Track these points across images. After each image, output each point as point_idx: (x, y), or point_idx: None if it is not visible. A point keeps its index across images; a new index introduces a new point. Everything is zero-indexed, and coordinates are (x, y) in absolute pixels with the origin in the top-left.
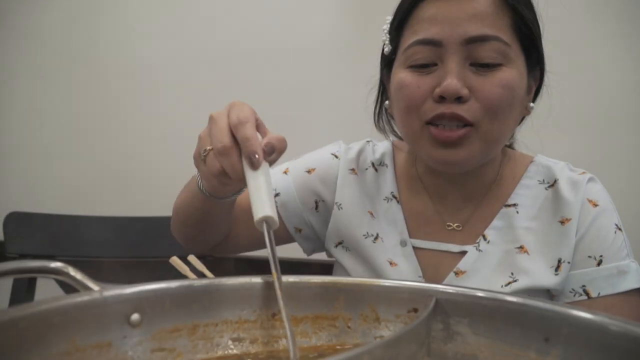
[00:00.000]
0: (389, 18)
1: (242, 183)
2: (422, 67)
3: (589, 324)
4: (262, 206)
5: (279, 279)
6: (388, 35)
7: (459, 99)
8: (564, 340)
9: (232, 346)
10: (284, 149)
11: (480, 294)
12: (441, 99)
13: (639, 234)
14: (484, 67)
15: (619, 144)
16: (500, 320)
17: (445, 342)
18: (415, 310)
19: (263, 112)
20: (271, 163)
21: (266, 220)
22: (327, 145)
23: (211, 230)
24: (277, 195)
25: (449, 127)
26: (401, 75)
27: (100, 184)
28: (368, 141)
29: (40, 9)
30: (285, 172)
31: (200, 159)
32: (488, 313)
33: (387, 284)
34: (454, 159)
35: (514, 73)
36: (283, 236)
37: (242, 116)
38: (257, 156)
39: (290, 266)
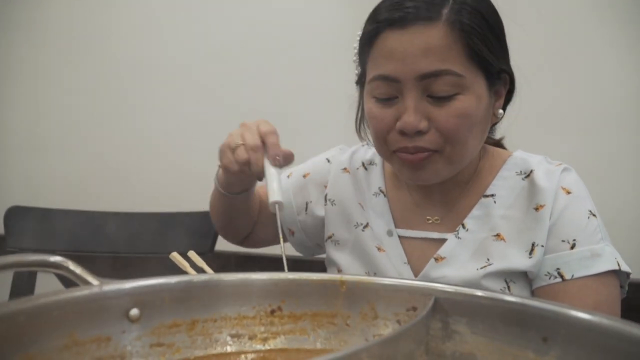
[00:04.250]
0: (360, 33)
1: (254, 179)
2: (385, 100)
3: (588, 325)
4: (273, 193)
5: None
6: (358, 57)
7: (419, 132)
8: (563, 340)
9: (230, 342)
10: (292, 161)
11: (479, 293)
12: (402, 132)
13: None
14: (440, 99)
15: (624, 146)
16: (499, 320)
17: (444, 341)
18: (415, 308)
19: (267, 110)
20: (281, 167)
21: (277, 203)
22: (328, 150)
23: (234, 223)
24: None
25: (414, 152)
26: (369, 105)
27: (100, 179)
28: (363, 145)
29: (42, 4)
30: (288, 176)
31: (230, 149)
32: (487, 312)
33: (386, 282)
34: (420, 178)
35: (470, 100)
36: (278, 236)
37: (271, 129)
38: (278, 157)
39: (290, 264)
